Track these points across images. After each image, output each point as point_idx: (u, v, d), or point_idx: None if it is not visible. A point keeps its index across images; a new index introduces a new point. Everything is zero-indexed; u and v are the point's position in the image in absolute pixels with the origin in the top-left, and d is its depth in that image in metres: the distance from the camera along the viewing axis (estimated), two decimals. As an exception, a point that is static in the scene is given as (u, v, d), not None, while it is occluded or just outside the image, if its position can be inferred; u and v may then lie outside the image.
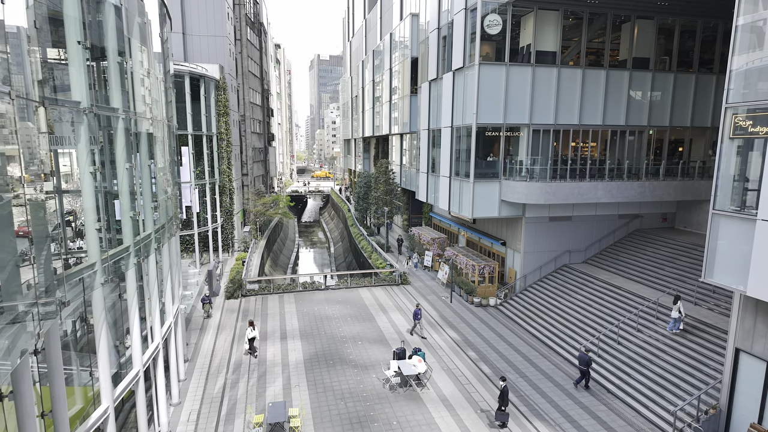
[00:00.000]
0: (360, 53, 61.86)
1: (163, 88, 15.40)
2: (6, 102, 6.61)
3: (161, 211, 14.26)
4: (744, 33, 11.59)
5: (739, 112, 11.70)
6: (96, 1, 10.40)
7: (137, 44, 12.35)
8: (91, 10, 10.23)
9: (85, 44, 9.08)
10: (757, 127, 11.26)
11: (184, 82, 29.09)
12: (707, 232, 12.54)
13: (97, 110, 9.75)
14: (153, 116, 13.52)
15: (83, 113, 9.11)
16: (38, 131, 8.00)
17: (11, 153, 6.81)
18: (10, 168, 6.82)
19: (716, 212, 12.37)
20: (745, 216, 11.57)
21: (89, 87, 9.30)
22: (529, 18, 23.27)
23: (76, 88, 9.03)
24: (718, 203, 12.30)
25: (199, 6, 36.40)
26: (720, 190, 12.26)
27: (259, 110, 53.27)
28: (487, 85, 22.92)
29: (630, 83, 24.51)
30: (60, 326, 8.66)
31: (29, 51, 8.43)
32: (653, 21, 24.47)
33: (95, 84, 10.65)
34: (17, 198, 6.69)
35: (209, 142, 32.30)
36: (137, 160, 12.11)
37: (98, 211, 9.77)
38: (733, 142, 11.95)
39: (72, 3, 8.79)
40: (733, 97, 11.84)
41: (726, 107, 11.95)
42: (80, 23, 8.98)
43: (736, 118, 11.75)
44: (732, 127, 11.87)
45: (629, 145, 25.35)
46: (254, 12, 51.10)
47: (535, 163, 23.59)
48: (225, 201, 35.08)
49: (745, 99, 11.60)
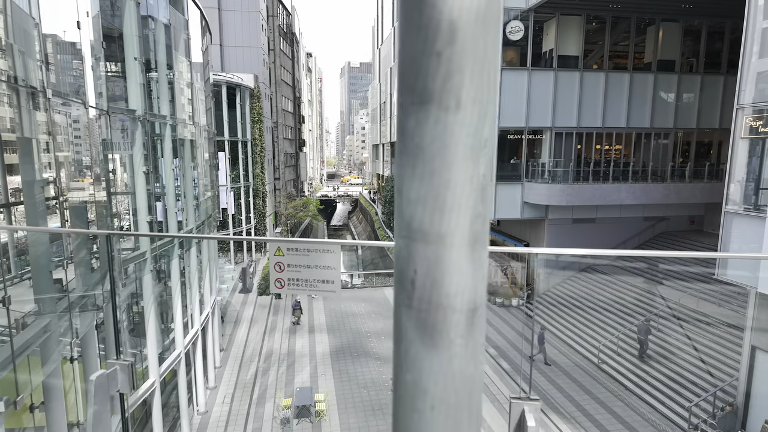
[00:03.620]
0: (388, 60, 63.09)
1: (202, 97, 16.84)
2: (78, 111, 7.89)
3: (201, 209, 15.61)
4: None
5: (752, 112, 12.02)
6: (150, 19, 11.79)
7: (182, 57, 13.74)
8: (145, 28, 11.62)
9: (140, 59, 10.41)
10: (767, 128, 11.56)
11: (222, 91, 30.90)
12: (720, 230, 12.84)
13: (150, 117, 11.08)
14: (194, 123, 14.91)
15: (138, 120, 10.42)
16: (100, 137, 9.32)
17: (83, 155, 8.08)
18: (79, 169, 8.10)
19: (729, 211, 12.66)
20: (755, 214, 11.85)
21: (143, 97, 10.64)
22: (551, 23, 23.75)
23: (133, 97, 10.36)
24: (731, 202, 12.60)
25: (235, 19, 38.42)
26: (732, 189, 12.56)
27: (290, 117, 55.19)
28: (509, 90, 23.50)
29: (655, 86, 24.55)
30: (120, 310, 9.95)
31: (93, 66, 9.81)
32: (679, 23, 24.50)
33: (147, 94, 12.02)
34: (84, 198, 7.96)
35: (244, 148, 34.04)
36: (181, 163, 13.46)
37: (149, 208, 11.07)
38: (745, 142, 12.26)
39: (130, 23, 10.13)
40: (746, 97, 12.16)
41: (738, 108, 12.28)
42: (137, 40, 10.32)
43: (747, 119, 12.07)
44: (744, 127, 12.19)
45: (654, 147, 25.34)
46: (287, 23, 53.15)
47: (557, 165, 23.95)
48: (258, 203, 36.75)
49: (756, 100, 11.91)
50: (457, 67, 0.50)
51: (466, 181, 0.54)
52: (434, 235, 0.56)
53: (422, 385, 0.62)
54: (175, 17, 13.07)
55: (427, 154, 0.54)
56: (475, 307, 0.61)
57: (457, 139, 0.52)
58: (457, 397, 0.64)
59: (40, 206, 7.10)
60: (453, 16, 0.48)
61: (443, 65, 0.50)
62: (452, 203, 0.55)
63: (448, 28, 0.49)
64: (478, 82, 0.51)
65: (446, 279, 0.58)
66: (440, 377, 0.63)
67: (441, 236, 0.56)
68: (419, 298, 0.60)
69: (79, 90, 8.06)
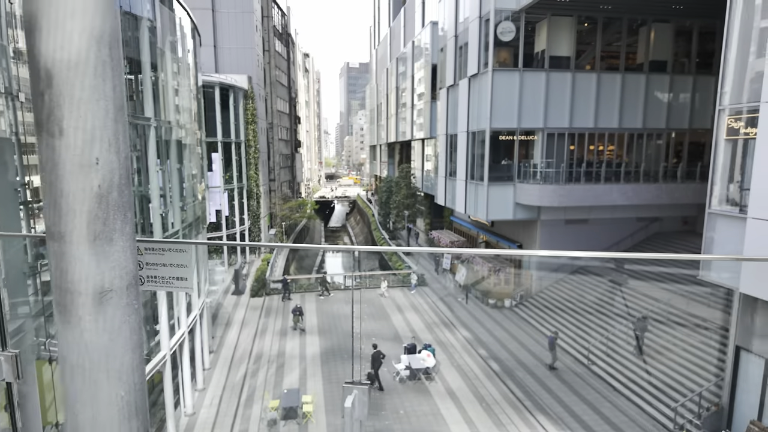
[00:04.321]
0: (385, 61, 63.14)
1: (192, 99, 16.85)
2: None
3: (188, 211, 15.62)
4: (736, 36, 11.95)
5: (733, 113, 12.04)
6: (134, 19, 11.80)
7: (169, 59, 13.75)
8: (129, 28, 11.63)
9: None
10: (747, 129, 11.58)
11: (215, 93, 30.92)
12: (704, 231, 12.86)
13: (133, 119, 11.09)
14: (182, 125, 14.92)
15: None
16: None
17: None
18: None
19: (712, 212, 12.68)
20: (737, 215, 11.87)
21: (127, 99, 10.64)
22: (543, 24, 23.79)
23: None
24: (714, 203, 12.61)
25: (229, 20, 38.46)
26: (715, 190, 12.58)
27: (286, 118, 55.20)
28: (500, 91, 23.53)
29: (647, 86, 24.58)
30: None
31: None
32: (670, 24, 24.53)
33: (133, 95, 12.04)
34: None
35: (237, 149, 34.05)
36: (167, 164, 13.47)
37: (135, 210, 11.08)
38: (727, 143, 12.27)
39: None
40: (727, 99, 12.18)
41: (720, 109, 12.30)
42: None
43: (729, 120, 12.09)
44: (725, 128, 12.21)
45: (647, 148, 25.36)
46: (282, 24, 53.18)
47: (549, 166, 23.96)
48: (252, 205, 36.76)
49: (736, 101, 11.94)
50: (57, 103, 0.66)
51: (78, 191, 0.71)
52: (58, 234, 0.75)
53: (63, 354, 0.88)
54: (160, 18, 13.09)
55: (44, 171, 0.71)
56: (103, 291, 0.83)
57: (64, 158, 0.69)
58: (91, 362, 0.91)
59: (13, 210, 7.11)
60: (48, 65, 0.66)
61: (46, 102, 0.67)
62: (67, 209, 0.72)
63: (45, 75, 0.67)
64: (77, 114, 0.65)
65: (71, 268, 0.78)
66: (74, 347, 0.89)
67: (62, 235, 0.75)
68: (55, 286, 0.81)
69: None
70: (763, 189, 11.05)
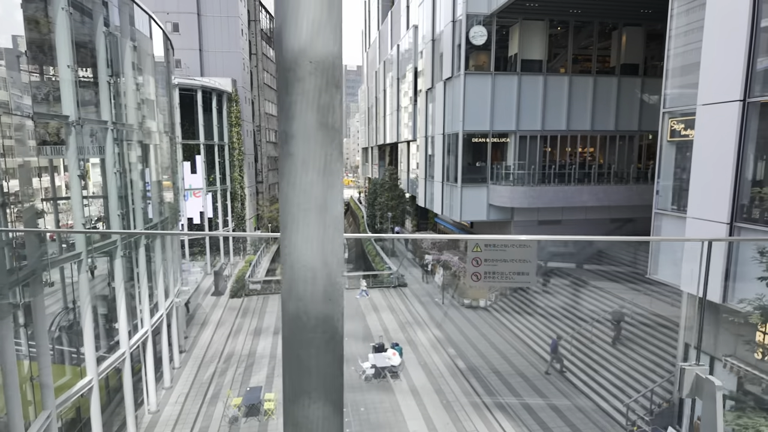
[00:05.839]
0: (375, 64, 63.54)
1: (160, 102, 17.15)
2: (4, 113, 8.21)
3: (154, 211, 15.90)
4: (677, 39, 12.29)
5: (675, 116, 12.36)
6: (88, 27, 12.11)
7: (129, 64, 14.05)
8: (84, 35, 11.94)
9: (73, 67, 10.73)
10: (687, 131, 11.90)
11: (196, 96, 31.24)
12: (651, 231, 13.17)
13: (86, 123, 11.39)
14: (146, 128, 15.22)
15: (72, 126, 10.74)
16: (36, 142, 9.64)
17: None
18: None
19: (657, 212, 12.99)
20: (678, 215, 12.18)
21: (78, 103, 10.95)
22: (515, 28, 24.15)
23: (66, 104, 10.68)
24: (659, 203, 12.92)
25: (214, 24, 38.80)
26: (660, 190, 12.89)
27: (275, 121, 55.51)
28: (473, 94, 23.86)
29: (619, 89, 24.94)
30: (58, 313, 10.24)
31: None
32: (642, 28, 24.90)
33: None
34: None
35: (221, 151, 34.34)
36: (128, 165, 13.76)
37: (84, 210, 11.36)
38: (671, 145, 12.60)
39: (63, 32, 10.46)
40: (670, 102, 12.51)
41: (663, 112, 12.62)
42: (70, 49, 10.64)
43: (672, 122, 12.42)
44: (669, 130, 12.53)
45: (619, 150, 25.71)
46: (270, 27, 53.56)
47: (521, 168, 24.29)
48: (237, 207, 37.03)
49: (678, 104, 12.26)
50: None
51: None
52: None
53: None
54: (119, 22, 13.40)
55: None
56: None
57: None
58: None
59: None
60: None
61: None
62: None
63: None
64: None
65: None
66: None
67: None
68: None
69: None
70: (700, 189, 11.36)
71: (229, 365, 18.82)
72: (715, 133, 10.76)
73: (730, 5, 10.21)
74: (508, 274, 4.26)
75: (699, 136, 11.25)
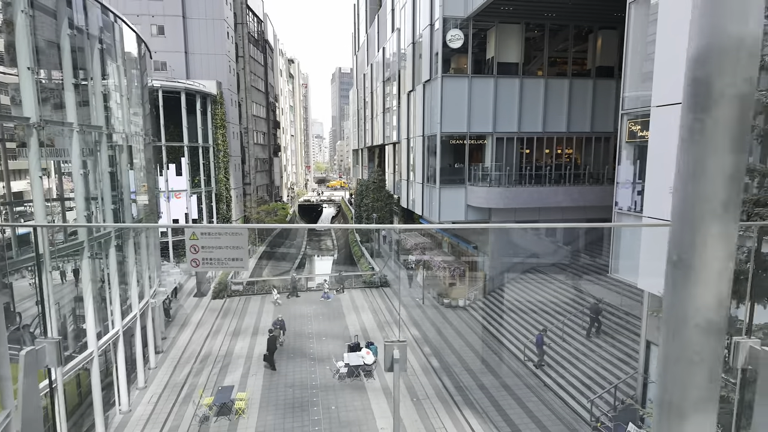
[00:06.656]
0: (363, 66, 63.83)
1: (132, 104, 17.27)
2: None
3: (126, 213, 16.01)
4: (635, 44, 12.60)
5: (632, 117, 12.66)
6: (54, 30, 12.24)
7: (97, 66, 14.18)
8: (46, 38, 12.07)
9: (34, 68, 10.86)
10: (643, 132, 12.20)
11: (180, 98, 31.32)
12: (611, 232, 13.43)
13: (47, 125, 11.51)
14: (117, 130, 15.33)
15: (33, 127, 10.86)
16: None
17: None
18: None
19: (618, 212, 13.27)
20: (636, 214, 12.46)
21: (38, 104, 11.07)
22: (492, 31, 24.46)
23: (26, 105, 10.80)
24: (618, 202, 13.21)
25: (200, 27, 38.92)
26: (620, 191, 13.18)
27: (263, 123, 55.62)
28: (450, 97, 24.14)
29: (594, 91, 25.29)
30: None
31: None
32: (617, 31, 25.25)
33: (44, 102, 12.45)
34: None
35: (206, 153, 34.43)
36: (96, 167, 13.87)
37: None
38: (629, 146, 12.90)
39: (22, 33, 10.59)
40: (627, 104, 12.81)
41: (622, 113, 12.92)
42: (30, 51, 10.77)
43: (630, 124, 12.71)
44: (627, 132, 12.83)
45: (595, 151, 26.05)
46: (258, 30, 53.69)
47: (498, 169, 24.57)
48: (222, 208, 37.10)
49: (635, 106, 12.56)
50: None
51: None
52: None
53: None
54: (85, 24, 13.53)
55: None
56: None
57: None
58: None
59: None
60: None
61: None
62: None
63: None
64: None
65: None
66: None
67: None
68: None
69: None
70: (654, 189, 11.64)
71: (205, 365, 18.91)
72: (666, 134, 11.05)
73: (679, 13, 10.51)
74: (224, 259, 4.80)
75: (654, 136, 11.55)
